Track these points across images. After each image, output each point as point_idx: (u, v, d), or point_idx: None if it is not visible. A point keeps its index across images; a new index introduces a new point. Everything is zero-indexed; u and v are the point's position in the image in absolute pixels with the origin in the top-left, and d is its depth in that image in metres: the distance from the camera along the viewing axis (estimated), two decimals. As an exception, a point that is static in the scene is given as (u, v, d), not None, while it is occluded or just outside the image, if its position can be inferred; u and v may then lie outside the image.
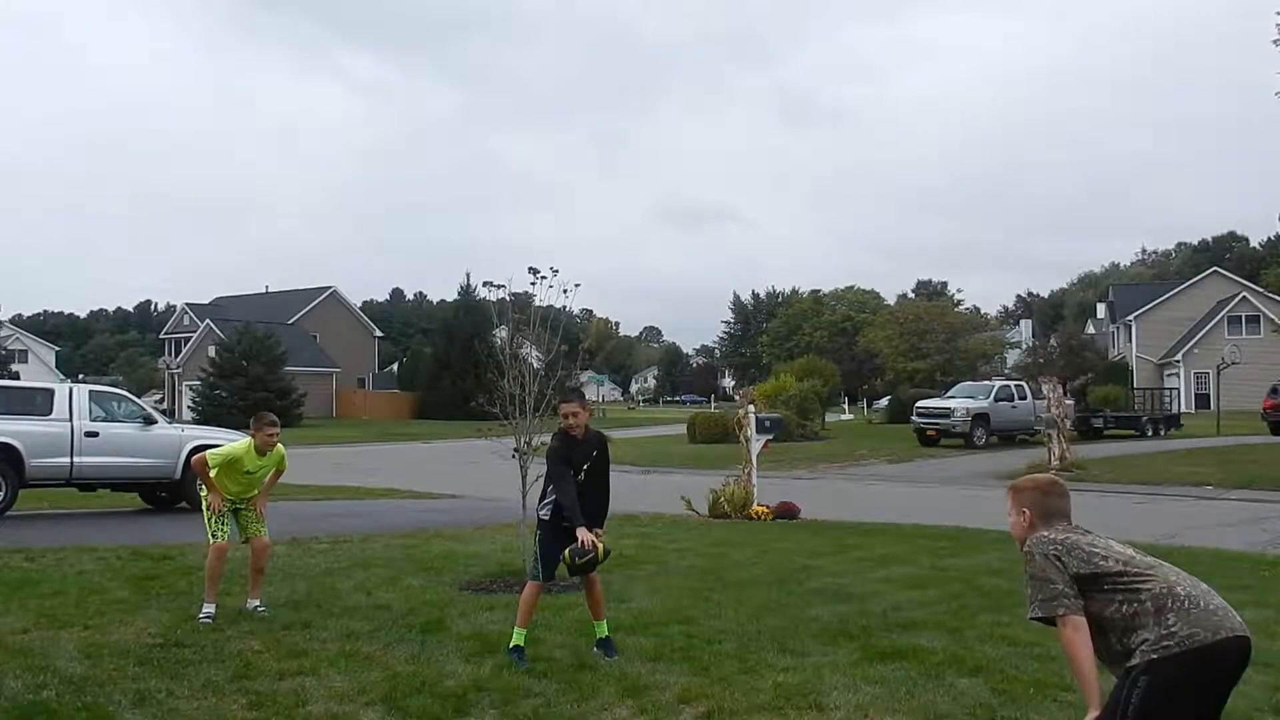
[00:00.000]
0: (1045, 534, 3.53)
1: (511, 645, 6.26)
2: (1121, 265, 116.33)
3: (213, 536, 7.65)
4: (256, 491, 7.94)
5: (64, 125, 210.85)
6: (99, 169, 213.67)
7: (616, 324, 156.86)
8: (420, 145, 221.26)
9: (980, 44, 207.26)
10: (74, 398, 15.34)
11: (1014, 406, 33.76)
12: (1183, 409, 48.04)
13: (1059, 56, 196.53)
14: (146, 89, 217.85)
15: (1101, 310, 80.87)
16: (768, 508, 15.03)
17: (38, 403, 15.20)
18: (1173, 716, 3.18)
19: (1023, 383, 36.26)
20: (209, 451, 7.86)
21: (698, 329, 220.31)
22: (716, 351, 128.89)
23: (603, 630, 6.50)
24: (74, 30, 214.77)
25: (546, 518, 6.35)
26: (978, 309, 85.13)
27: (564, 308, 9.51)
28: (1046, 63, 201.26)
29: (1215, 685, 3.28)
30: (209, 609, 7.45)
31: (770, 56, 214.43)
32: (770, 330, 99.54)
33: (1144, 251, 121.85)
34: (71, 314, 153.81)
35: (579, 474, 6.29)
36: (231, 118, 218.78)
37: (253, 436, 7.82)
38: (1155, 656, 3.20)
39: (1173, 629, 3.22)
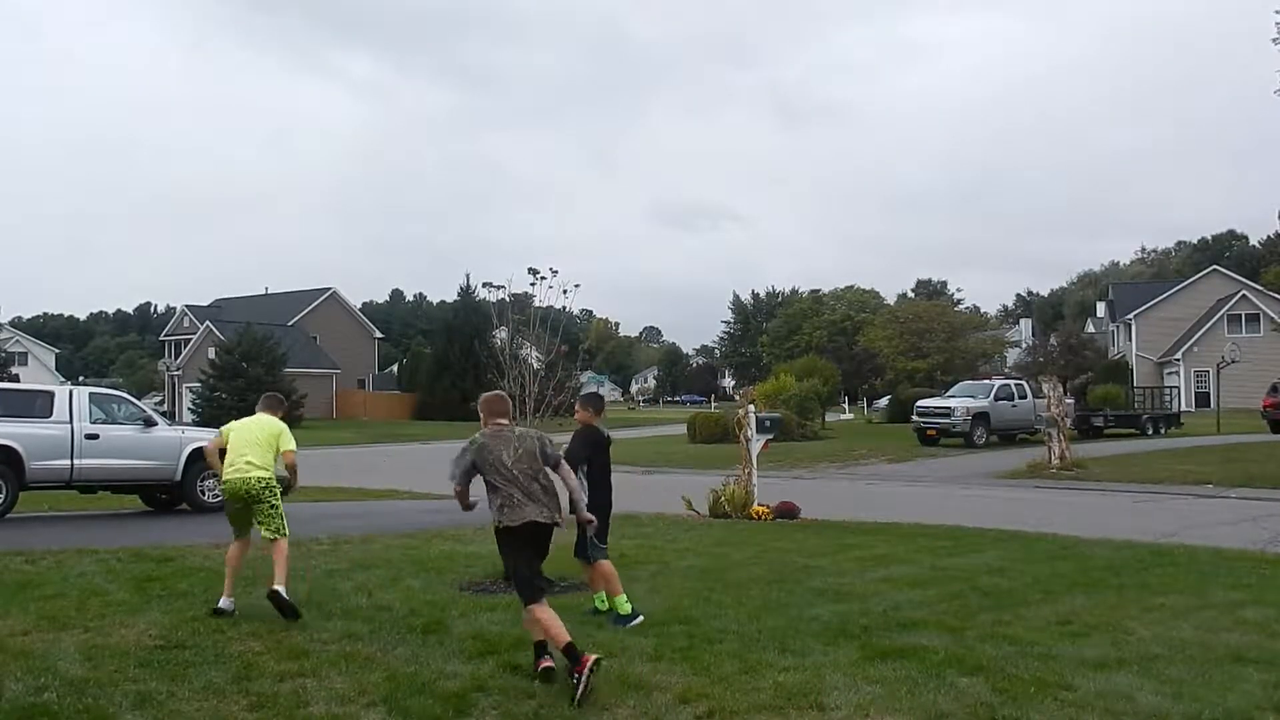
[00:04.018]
0: (480, 434, 6.36)
1: (624, 614, 7.35)
2: (1121, 264, 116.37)
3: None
4: None
5: (62, 128, 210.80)
6: (98, 171, 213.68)
7: (616, 324, 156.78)
8: (418, 145, 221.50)
9: (978, 42, 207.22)
10: (74, 400, 15.33)
11: (1014, 405, 33.76)
12: (1182, 407, 48.04)
13: (1057, 54, 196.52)
14: (144, 91, 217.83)
15: (1101, 309, 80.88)
16: (768, 507, 15.03)
17: (38, 405, 15.19)
18: (513, 554, 6.22)
19: (1023, 382, 36.28)
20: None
21: (698, 329, 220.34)
22: (716, 351, 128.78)
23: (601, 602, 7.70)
24: (69, 32, 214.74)
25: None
26: (977, 308, 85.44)
27: (564, 308, 9.54)
28: (1045, 61, 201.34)
29: (526, 544, 6.13)
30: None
31: (767, 57, 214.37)
32: (770, 330, 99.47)
33: (1143, 250, 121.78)
34: (71, 316, 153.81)
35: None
36: (230, 119, 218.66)
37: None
38: (497, 526, 6.20)
39: (504, 516, 6.12)
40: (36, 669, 6.02)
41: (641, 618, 7.31)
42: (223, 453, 7.95)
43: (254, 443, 7.92)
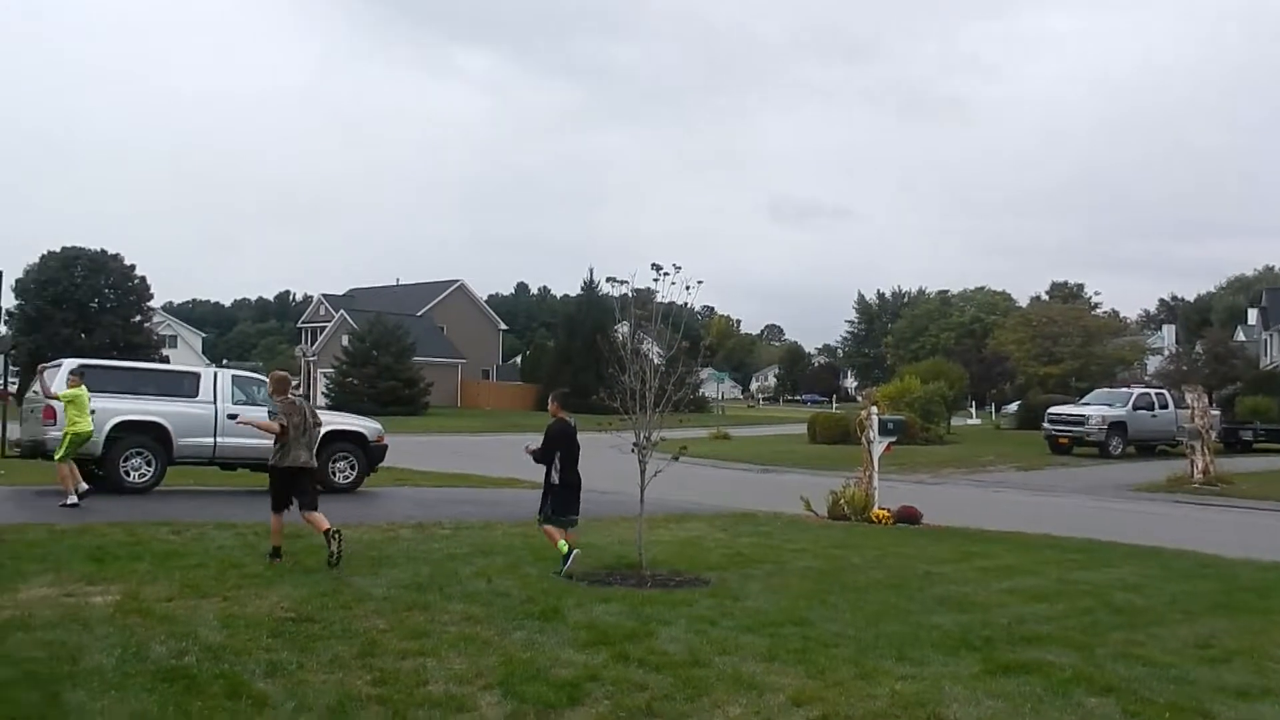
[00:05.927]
0: (286, 399, 9.62)
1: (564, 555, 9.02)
2: (1277, 268, 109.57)
3: None
4: None
5: (212, 130, 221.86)
6: (228, 169, 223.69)
7: (737, 321, 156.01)
8: (548, 141, 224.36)
9: (1111, 34, 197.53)
10: (218, 381, 16.16)
11: (1154, 415, 32.28)
12: (1343, 423, 44.93)
13: (1197, 43, 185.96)
14: (282, 90, 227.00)
15: (1253, 316, 76.24)
16: (888, 511, 14.73)
17: (185, 386, 16.08)
18: (281, 482, 9.44)
19: (1164, 391, 34.64)
20: None
21: (820, 328, 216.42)
22: (839, 351, 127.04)
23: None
24: (240, 36, 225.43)
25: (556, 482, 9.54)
26: (1116, 312, 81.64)
27: (685, 304, 9.51)
28: (1190, 47, 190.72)
29: (293, 476, 9.41)
30: None
31: (889, 53, 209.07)
32: (895, 331, 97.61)
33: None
34: (217, 303, 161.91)
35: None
36: (365, 118, 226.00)
37: None
38: (277, 465, 9.49)
39: (283, 459, 9.40)
40: (179, 634, 6.37)
41: (571, 562, 8.93)
42: None
43: None
